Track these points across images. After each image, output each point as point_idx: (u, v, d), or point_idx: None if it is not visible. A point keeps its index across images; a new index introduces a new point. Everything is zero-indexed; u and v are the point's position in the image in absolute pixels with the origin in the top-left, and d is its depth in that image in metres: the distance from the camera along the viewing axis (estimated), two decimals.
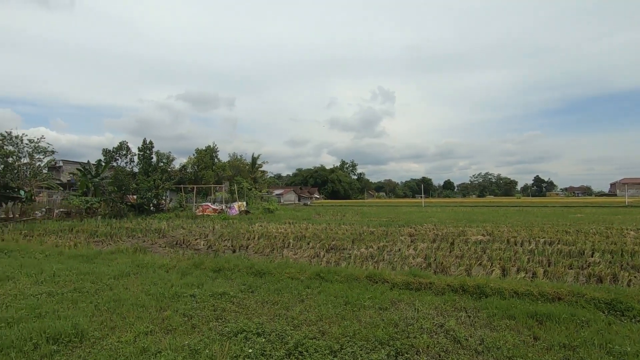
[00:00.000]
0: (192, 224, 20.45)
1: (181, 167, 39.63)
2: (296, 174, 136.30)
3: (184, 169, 39.99)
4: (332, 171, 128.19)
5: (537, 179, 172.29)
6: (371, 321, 4.79)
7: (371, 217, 26.60)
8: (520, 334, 4.46)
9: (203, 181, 38.07)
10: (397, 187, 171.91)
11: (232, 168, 49.34)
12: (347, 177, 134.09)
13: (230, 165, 50.27)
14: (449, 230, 16.03)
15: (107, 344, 3.99)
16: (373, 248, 11.05)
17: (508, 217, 26.30)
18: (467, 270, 7.91)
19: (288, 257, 9.74)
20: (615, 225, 17.64)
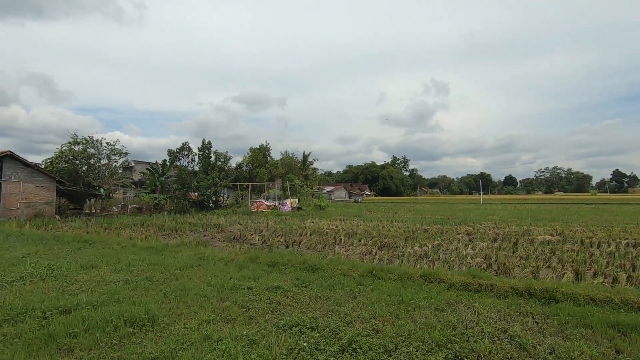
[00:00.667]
0: (248, 219, 21.37)
1: (237, 166, 41.67)
2: (346, 171, 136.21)
3: (240, 167, 41.97)
4: (383, 167, 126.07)
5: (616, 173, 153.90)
6: (427, 322, 4.63)
7: (425, 215, 25.72)
8: (599, 345, 4.02)
9: (257, 179, 39.64)
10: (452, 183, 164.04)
11: (284, 166, 50.71)
12: (399, 174, 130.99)
13: (282, 163, 51.72)
14: (511, 229, 14.95)
15: (175, 330, 4.32)
16: (427, 246, 10.67)
17: (581, 215, 23.84)
18: (534, 273, 7.30)
19: (340, 254, 9.77)
20: None
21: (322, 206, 33.80)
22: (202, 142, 32.52)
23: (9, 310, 4.90)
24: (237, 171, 40.78)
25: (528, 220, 19.87)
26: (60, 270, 7.39)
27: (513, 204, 47.78)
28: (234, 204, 32.10)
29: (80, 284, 6.44)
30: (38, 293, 5.78)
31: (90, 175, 28.02)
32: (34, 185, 23.06)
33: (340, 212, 28.81)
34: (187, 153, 32.99)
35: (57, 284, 6.40)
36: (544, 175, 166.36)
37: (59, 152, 27.54)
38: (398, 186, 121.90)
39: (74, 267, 7.69)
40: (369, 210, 33.25)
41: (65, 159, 27.08)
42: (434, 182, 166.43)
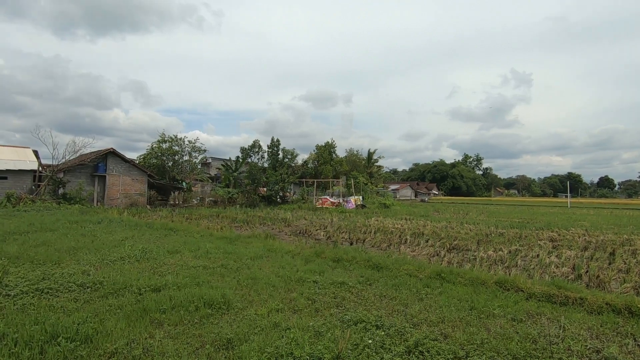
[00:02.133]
0: (313, 215, 21.89)
1: (303, 163, 42.87)
2: (412, 169, 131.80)
3: (306, 164, 43.12)
4: (452, 166, 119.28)
5: None
6: (502, 332, 4.30)
7: (500, 217, 23.79)
8: None
9: (322, 175, 40.34)
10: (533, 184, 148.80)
11: (349, 163, 50.82)
12: (471, 173, 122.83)
13: (347, 160, 51.88)
14: (607, 237, 13.11)
15: (247, 315, 4.63)
16: (503, 251, 9.86)
17: None
18: (636, 289, 6.32)
19: (405, 254, 9.52)
20: None
21: (387, 204, 33.19)
22: (271, 140, 34.14)
23: (113, 285, 5.69)
24: (303, 168, 41.97)
25: (629, 228, 17.23)
26: (151, 253, 8.36)
27: (609, 208, 41.76)
28: (300, 200, 33.13)
29: (167, 266, 7.23)
30: (134, 272, 6.62)
31: (175, 170, 31.16)
32: (130, 178, 26.40)
33: (405, 211, 28.01)
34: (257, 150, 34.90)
35: (149, 265, 7.26)
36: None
37: (150, 149, 31.12)
38: (469, 186, 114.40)
39: (162, 251, 8.65)
40: (436, 210, 31.79)
41: (154, 155, 30.52)
42: (512, 182, 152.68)
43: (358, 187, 38.71)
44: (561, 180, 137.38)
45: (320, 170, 41.74)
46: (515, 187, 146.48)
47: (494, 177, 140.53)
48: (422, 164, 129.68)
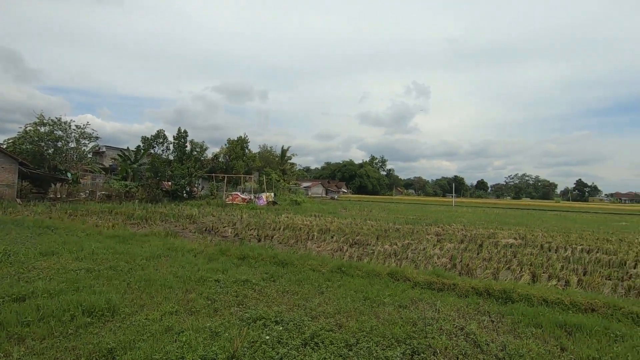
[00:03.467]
0: (222, 212, 21.08)
1: (213, 157, 40.90)
2: (324, 168, 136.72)
3: (216, 158, 41.23)
4: (360, 166, 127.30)
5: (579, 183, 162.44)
6: (389, 318, 4.76)
7: (398, 214, 26.24)
8: (546, 344, 4.27)
9: (234, 171, 39.09)
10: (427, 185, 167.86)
11: (262, 159, 50.29)
12: (376, 173, 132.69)
13: (260, 156, 51.28)
14: (478, 231, 15.52)
15: (135, 320, 4.24)
16: (397, 245, 10.92)
17: (544, 221, 25.05)
18: (494, 274, 7.64)
19: (311, 250, 9.84)
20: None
21: (298, 201, 33.79)
22: (178, 131, 31.68)
23: None
24: (213, 162, 40.04)
25: (495, 224, 20.68)
26: (17, 256, 7.05)
27: (483, 207, 49.53)
28: (209, 196, 31.55)
29: (38, 271, 6.18)
30: None
31: (57, 158, 26.71)
32: None
33: (315, 209, 28.91)
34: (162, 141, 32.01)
35: (12, 270, 6.10)
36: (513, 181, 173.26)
37: (23, 132, 26.10)
38: (374, 185, 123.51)
39: (32, 253, 7.35)
40: (344, 207, 33.55)
41: (29, 140, 25.68)
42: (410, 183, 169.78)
43: (270, 183, 38.56)
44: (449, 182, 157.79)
45: (231, 165, 40.35)
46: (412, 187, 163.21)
47: (396, 177, 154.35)
48: (333, 163, 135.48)
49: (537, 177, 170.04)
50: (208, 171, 34.63)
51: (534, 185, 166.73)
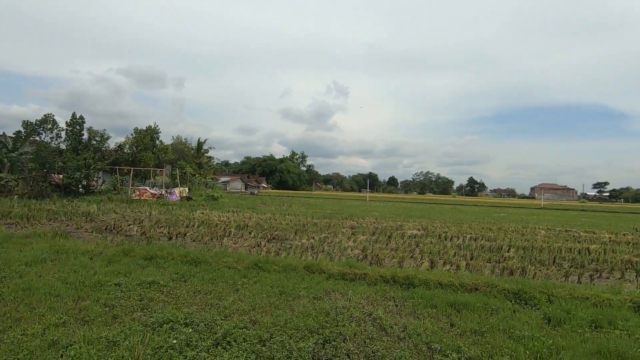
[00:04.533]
0: (127, 208, 19.10)
1: (117, 147, 36.72)
2: (244, 162, 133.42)
3: (120, 149, 37.08)
4: (281, 161, 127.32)
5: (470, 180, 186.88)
6: (304, 310, 4.87)
7: (316, 209, 26.94)
8: (439, 321, 4.84)
9: (142, 163, 35.61)
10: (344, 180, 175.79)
11: (176, 151, 46.83)
12: (297, 168, 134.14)
13: (174, 148, 47.69)
14: (388, 224, 16.80)
15: (8, 338, 3.59)
16: (314, 239, 11.22)
17: (443, 214, 28.25)
18: (400, 263, 8.37)
19: (227, 246, 9.53)
20: (530, 224, 19.81)
21: (215, 197, 32.37)
22: (73, 116, 27.65)
23: None
24: (117, 153, 35.89)
25: (402, 216, 22.63)
26: None
27: (393, 202, 53.81)
28: (111, 191, 28.24)
29: None
30: None
31: None
32: None
33: (234, 204, 28.06)
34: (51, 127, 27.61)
35: None
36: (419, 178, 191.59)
37: None
38: (295, 180, 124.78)
39: None
40: (264, 202, 33.22)
41: None
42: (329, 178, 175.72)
43: (185, 178, 36.15)
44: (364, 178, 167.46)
45: (139, 157, 36.65)
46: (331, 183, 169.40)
47: (315, 173, 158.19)
48: (253, 158, 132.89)
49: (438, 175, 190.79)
50: (110, 163, 30.92)
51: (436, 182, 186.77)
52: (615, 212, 46.85)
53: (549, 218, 27.50)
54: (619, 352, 3.90)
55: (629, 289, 6.90)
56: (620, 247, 12.06)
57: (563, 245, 11.60)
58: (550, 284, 6.49)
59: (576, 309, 5.35)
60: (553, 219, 26.14)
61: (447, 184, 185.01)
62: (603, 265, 9.18)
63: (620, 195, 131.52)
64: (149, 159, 36.28)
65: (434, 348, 3.95)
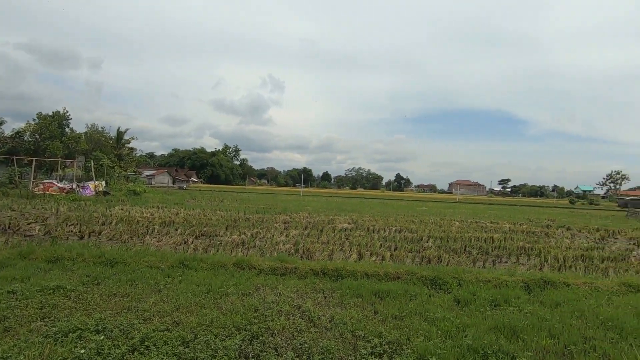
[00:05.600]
0: (27, 204, 16.67)
1: (14, 134, 31.75)
2: (172, 155, 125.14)
3: (19, 136, 32.14)
4: (213, 154, 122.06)
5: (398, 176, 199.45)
6: (232, 307, 4.76)
7: (249, 204, 26.43)
8: (364, 310, 5.10)
9: (47, 153, 31.29)
10: (279, 175, 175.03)
11: (91, 141, 42.10)
12: (230, 162, 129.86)
13: (89, 137, 42.83)
14: (320, 218, 17.17)
15: None
16: (246, 235, 11.00)
17: (372, 208, 29.74)
18: (330, 255, 8.62)
19: (150, 245, 8.88)
20: (447, 217, 21.87)
21: (138, 192, 29.86)
22: None
23: None
24: (15, 141, 31.03)
25: (335, 210, 23.31)
26: None
27: (326, 196, 55.10)
28: (6, 184, 24.36)
29: None
30: None
31: None
32: None
33: (159, 199, 26.19)
34: None
35: None
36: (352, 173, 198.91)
37: None
38: (227, 175, 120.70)
39: None
40: (193, 197, 31.57)
41: None
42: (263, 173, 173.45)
43: (102, 170, 32.69)
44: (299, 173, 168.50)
45: (44, 146, 32.10)
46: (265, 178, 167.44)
47: (249, 167, 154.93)
48: (182, 150, 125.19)
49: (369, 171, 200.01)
50: (6, 152, 26.62)
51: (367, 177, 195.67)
52: (515, 205, 54.06)
53: (463, 211, 30.64)
54: (511, 325, 4.51)
55: (521, 270, 8.01)
56: (516, 235, 13.94)
57: (472, 235, 13.03)
58: (460, 269, 7.25)
59: (480, 290, 6.06)
60: (466, 212, 29.20)
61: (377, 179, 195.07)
62: (503, 252, 10.53)
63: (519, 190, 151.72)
64: (56, 148, 32.03)
65: (358, 335, 4.15)
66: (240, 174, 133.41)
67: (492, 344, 3.95)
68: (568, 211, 41.47)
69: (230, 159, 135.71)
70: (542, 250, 10.58)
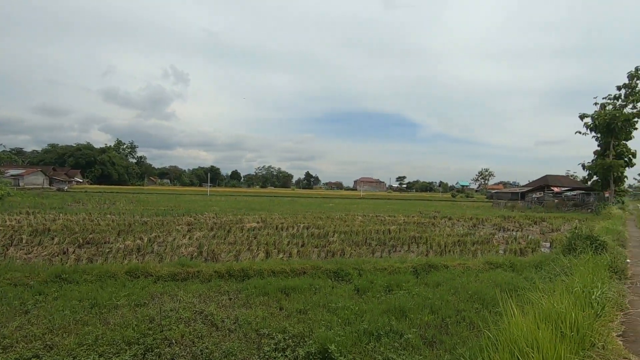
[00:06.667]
0: None
1: None
2: (48, 151, 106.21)
3: None
4: (102, 151, 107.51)
5: (307, 174, 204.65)
6: (122, 321, 4.30)
7: (148, 206, 24.13)
8: (270, 307, 5.13)
9: None
10: (183, 174, 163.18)
11: None
12: (124, 160, 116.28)
13: None
14: (228, 218, 16.62)
15: None
16: (142, 240, 10.02)
17: (281, 206, 29.96)
18: (237, 256, 8.42)
19: (15, 258, 7.43)
20: (351, 212, 23.33)
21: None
22: None
23: None
24: None
25: (244, 210, 22.81)
26: None
27: (235, 196, 53.55)
28: None
29: None
30: None
31: None
32: None
33: (30, 203, 22.10)
34: None
35: None
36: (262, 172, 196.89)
37: None
38: (122, 174, 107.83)
39: None
40: (77, 200, 27.43)
41: None
42: (165, 172, 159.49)
43: None
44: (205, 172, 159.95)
45: None
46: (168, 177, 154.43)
47: (148, 166, 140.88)
48: (62, 146, 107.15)
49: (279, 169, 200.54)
50: None
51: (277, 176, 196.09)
52: (409, 199, 60.58)
53: (366, 206, 33.04)
54: (401, 307, 5.05)
55: (411, 257, 9.01)
56: (409, 227, 15.63)
57: (373, 228, 14.16)
58: (361, 260, 7.82)
59: (377, 278, 6.63)
60: (368, 207, 31.56)
61: (287, 177, 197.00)
62: (398, 242, 11.69)
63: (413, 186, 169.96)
64: None
65: (262, 333, 4.15)
66: (138, 174, 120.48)
67: (384, 325, 4.36)
68: (450, 203, 48.16)
69: (124, 157, 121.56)
70: (428, 238, 12.07)
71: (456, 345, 3.82)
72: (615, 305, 5.33)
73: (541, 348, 2.71)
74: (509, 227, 17.76)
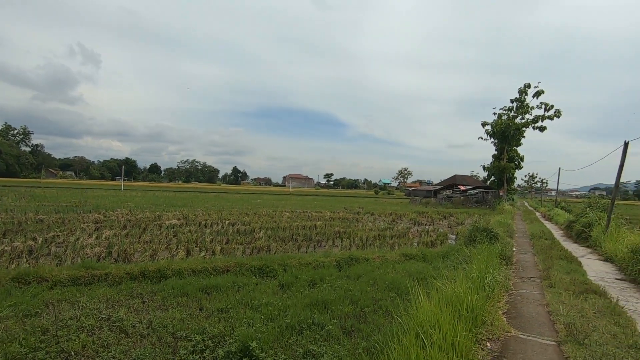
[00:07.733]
0: None
1: None
2: None
3: None
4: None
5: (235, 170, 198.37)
6: (5, 336, 3.69)
7: (46, 201, 21.06)
8: (189, 308, 4.86)
9: None
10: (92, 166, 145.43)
11: None
12: (14, 149, 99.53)
13: None
14: (145, 215, 15.33)
15: None
16: (36, 240, 8.70)
17: (206, 201, 28.60)
18: (153, 256, 7.81)
19: None
20: (279, 208, 23.27)
21: None
22: None
23: None
24: None
25: (163, 206, 21.22)
26: None
27: (154, 191, 49.51)
28: None
29: None
30: None
31: None
32: None
33: None
34: None
35: None
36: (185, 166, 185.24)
37: None
38: (11, 165, 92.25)
39: None
40: None
41: None
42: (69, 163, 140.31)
43: None
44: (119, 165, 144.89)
45: None
46: (72, 169, 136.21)
47: (47, 156, 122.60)
48: None
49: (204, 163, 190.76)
50: None
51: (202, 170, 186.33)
52: (336, 196, 62.59)
53: (294, 202, 33.26)
54: (323, 300, 5.20)
55: (335, 252, 9.34)
56: (334, 222, 16.15)
57: (300, 224, 14.32)
58: (286, 256, 7.85)
59: (302, 273, 6.72)
60: (296, 203, 31.82)
61: (213, 172, 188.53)
62: (323, 237, 12.00)
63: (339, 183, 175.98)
64: None
65: (178, 336, 3.93)
66: (33, 164, 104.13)
67: (307, 319, 4.45)
68: (374, 200, 51.02)
69: (14, 144, 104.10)
70: (351, 233, 12.63)
71: (372, 333, 4.07)
72: (503, 288, 6.23)
73: (442, 328, 3.05)
74: (423, 221, 19.46)
